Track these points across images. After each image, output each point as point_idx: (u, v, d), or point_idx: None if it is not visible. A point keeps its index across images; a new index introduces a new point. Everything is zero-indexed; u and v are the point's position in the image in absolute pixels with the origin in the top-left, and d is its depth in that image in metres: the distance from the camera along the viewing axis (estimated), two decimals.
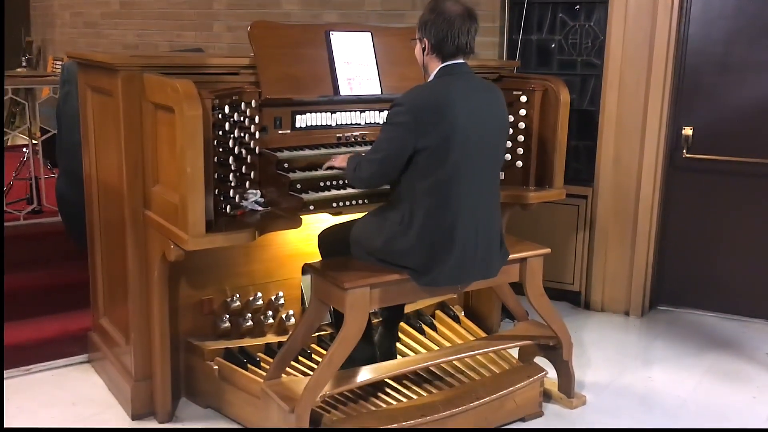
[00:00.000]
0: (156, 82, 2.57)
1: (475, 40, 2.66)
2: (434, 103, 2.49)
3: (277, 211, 2.83)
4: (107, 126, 2.97)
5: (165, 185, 2.67)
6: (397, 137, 2.50)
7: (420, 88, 2.60)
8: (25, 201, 4.44)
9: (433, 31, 2.57)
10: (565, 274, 4.45)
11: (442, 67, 2.61)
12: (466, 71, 2.63)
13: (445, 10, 2.57)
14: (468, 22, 2.59)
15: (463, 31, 2.57)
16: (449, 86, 2.56)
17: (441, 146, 2.47)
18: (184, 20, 5.64)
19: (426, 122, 2.46)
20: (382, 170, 2.58)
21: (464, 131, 2.49)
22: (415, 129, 2.46)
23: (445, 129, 2.46)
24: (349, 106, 3.19)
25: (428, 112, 2.47)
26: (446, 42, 2.56)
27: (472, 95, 2.57)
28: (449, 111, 2.47)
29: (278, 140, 3.02)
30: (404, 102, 2.51)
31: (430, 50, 2.61)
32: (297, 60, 3.01)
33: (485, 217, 2.64)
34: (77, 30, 6.72)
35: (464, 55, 2.63)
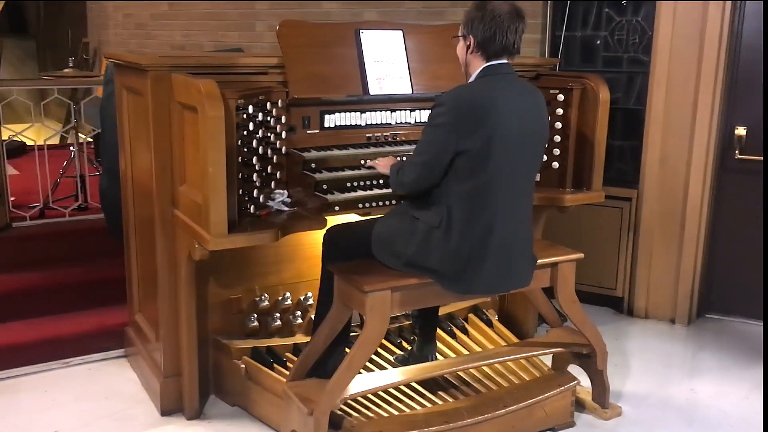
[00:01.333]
0: (182, 83, 2.58)
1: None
2: (477, 105, 2.39)
3: (302, 211, 2.81)
4: (140, 125, 3.00)
5: (191, 185, 2.68)
6: (439, 139, 2.42)
7: (462, 88, 2.50)
8: (72, 198, 4.55)
9: (480, 28, 2.47)
10: (607, 278, 4.31)
11: (486, 67, 2.52)
12: (509, 72, 2.54)
13: (493, 8, 2.47)
14: (516, 20, 2.49)
15: (511, 30, 2.47)
16: (492, 87, 2.46)
17: (482, 149, 2.38)
18: (227, 20, 5.69)
19: (468, 124, 2.37)
20: (425, 174, 2.49)
21: (505, 135, 2.40)
22: (456, 130, 2.38)
23: (487, 132, 2.37)
24: (379, 105, 3.14)
25: (470, 113, 2.38)
26: (493, 41, 2.46)
27: (514, 98, 2.47)
28: (492, 113, 2.38)
29: (306, 140, 3.00)
30: (446, 102, 2.42)
31: (474, 48, 2.52)
32: (326, 59, 2.99)
33: (521, 224, 2.56)
34: (129, 31, 6.88)
35: (509, 56, 2.53)
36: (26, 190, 4.65)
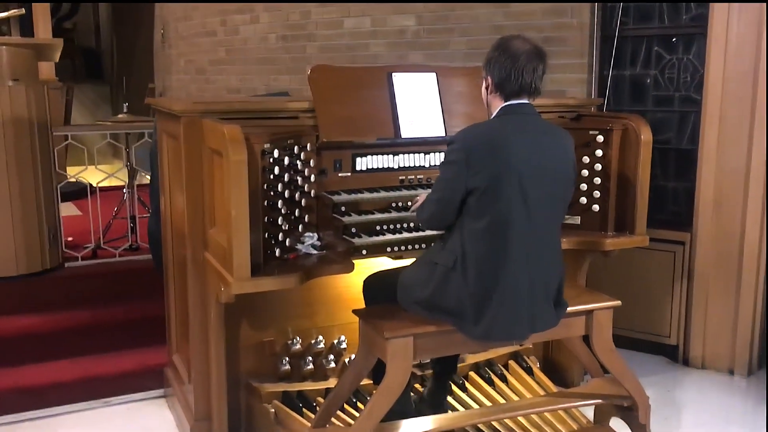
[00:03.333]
0: (211, 128, 2.62)
1: (563, 77, 2.53)
2: (487, 141, 2.38)
3: (331, 255, 2.79)
4: (176, 169, 3.07)
5: (219, 228, 2.70)
6: (451, 176, 2.42)
7: (474, 126, 2.51)
8: (124, 239, 4.69)
9: (497, 68, 2.47)
10: (661, 325, 4.11)
11: (504, 107, 2.50)
12: (529, 112, 2.50)
13: (510, 48, 2.46)
14: (535, 60, 2.45)
15: (528, 69, 2.44)
16: (506, 125, 2.44)
17: (492, 186, 2.34)
18: (279, 65, 5.83)
19: (477, 160, 2.35)
20: (439, 211, 2.49)
21: (518, 172, 2.35)
22: (466, 167, 2.36)
23: (497, 168, 2.34)
24: (412, 147, 3.12)
25: (480, 149, 2.37)
26: (509, 80, 2.44)
27: (530, 136, 2.42)
28: (502, 150, 2.35)
29: (338, 183, 3.00)
30: (457, 139, 2.43)
31: (493, 88, 2.51)
32: (357, 102, 3.00)
33: (542, 265, 2.46)
34: (189, 76, 7.13)
35: (529, 96, 2.50)
36: (85, 230, 4.82)
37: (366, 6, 5.14)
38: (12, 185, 3.83)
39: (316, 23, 5.51)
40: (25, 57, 3.90)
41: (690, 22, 3.94)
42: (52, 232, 4.06)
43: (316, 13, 5.49)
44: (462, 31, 4.64)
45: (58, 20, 11.96)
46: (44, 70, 5.70)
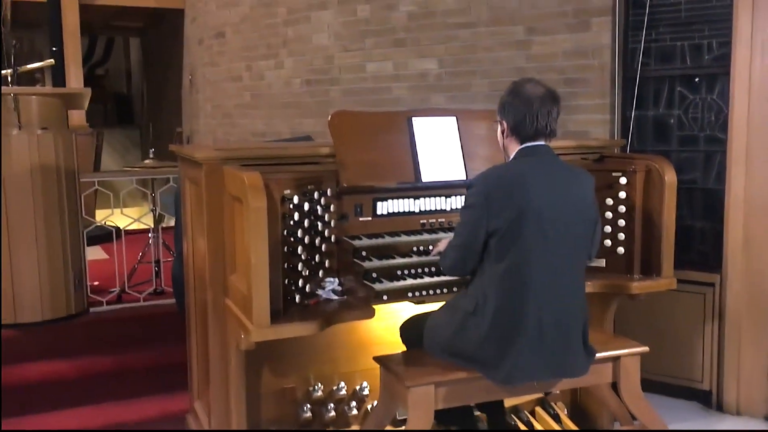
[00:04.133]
0: (231, 175, 2.64)
1: (585, 118, 2.55)
2: (505, 183, 2.39)
3: (352, 300, 2.77)
4: (198, 214, 3.09)
5: (239, 274, 2.71)
6: (471, 220, 2.42)
7: (493, 168, 2.52)
8: (149, 283, 4.72)
9: (511, 113, 2.50)
10: (692, 370, 3.99)
11: (521, 149, 2.52)
12: (546, 153, 2.50)
13: (523, 92, 2.49)
14: (549, 104, 2.48)
15: (542, 113, 2.46)
16: (523, 167, 2.45)
17: (512, 228, 2.34)
18: (303, 108, 5.91)
19: (497, 202, 2.36)
20: (462, 256, 2.49)
21: (537, 214, 2.34)
22: (486, 210, 2.36)
23: (516, 210, 2.34)
24: (433, 191, 3.11)
25: (499, 191, 2.37)
26: (524, 124, 2.47)
27: (549, 177, 2.42)
28: (520, 191, 2.35)
29: (359, 227, 2.99)
30: (476, 183, 2.45)
31: (508, 132, 2.54)
32: (378, 147, 3.01)
33: (565, 308, 2.42)
34: (216, 121, 7.25)
35: (545, 138, 2.51)
36: (111, 274, 4.87)
37: (388, 50, 5.21)
38: (39, 231, 3.90)
39: (339, 68, 5.59)
40: (54, 106, 4.00)
41: (713, 62, 3.91)
42: (77, 278, 4.10)
43: (339, 58, 5.58)
44: (483, 73, 4.67)
45: (90, 67, 12.32)
46: (75, 117, 5.85)
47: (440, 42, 4.90)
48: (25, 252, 3.89)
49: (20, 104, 3.80)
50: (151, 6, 8.57)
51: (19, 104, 3.79)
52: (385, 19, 5.22)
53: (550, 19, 4.34)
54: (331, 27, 5.62)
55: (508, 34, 4.53)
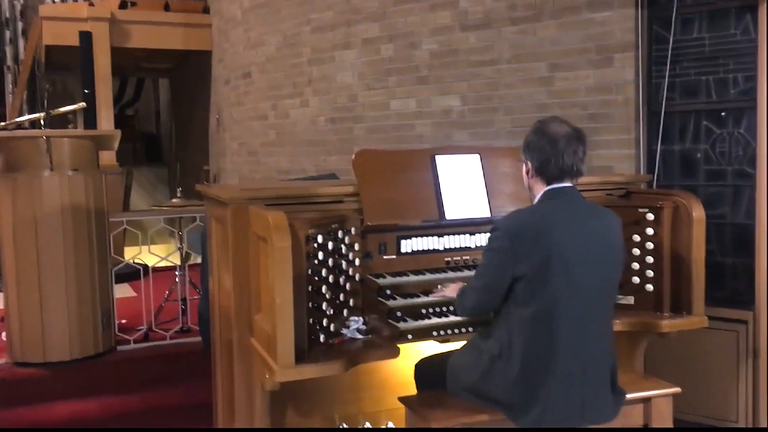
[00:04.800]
0: (256, 214, 2.67)
1: (610, 153, 2.51)
2: (532, 227, 2.36)
3: (376, 339, 2.76)
4: (224, 253, 3.11)
5: (264, 314, 2.71)
6: (496, 263, 2.39)
7: (518, 212, 2.49)
8: (175, 321, 4.75)
9: (536, 153, 2.47)
10: (726, 409, 3.88)
11: (547, 191, 2.48)
12: (573, 194, 2.47)
13: (548, 131, 2.46)
14: (574, 143, 2.45)
15: (568, 152, 2.43)
16: (550, 210, 2.42)
17: (539, 273, 2.30)
18: (328, 146, 5.97)
19: (523, 247, 2.32)
20: (484, 299, 2.47)
21: (565, 258, 2.31)
22: (512, 254, 2.33)
23: (543, 255, 2.30)
24: (458, 228, 3.11)
25: (525, 236, 2.34)
26: (549, 164, 2.44)
27: (576, 220, 2.39)
28: (547, 235, 2.32)
29: (383, 265, 2.99)
30: (501, 226, 2.41)
31: (533, 173, 2.50)
32: (401, 185, 3.02)
33: (594, 352, 2.38)
34: (242, 158, 7.35)
35: (571, 178, 2.48)
36: (138, 312, 4.91)
37: (411, 88, 5.26)
38: (69, 271, 3.95)
39: (363, 105, 5.65)
40: (85, 148, 4.09)
41: (739, 96, 3.88)
42: (105, 316, 4.14)
43: (363, 96, 5.64)
44: (506, 110, 4.69)
45: (121, 107, 12.60)
46: (105, 156, 5.96)
47: (463, 79, 4.94)
48: (56, 291, 3.94)
49: (52, 146, 3.89)
50: (179, 48, 8.77)
51: (52, 146, 3.88)
52: (408, 57, 5.28)
53: (572, 55, 4.35)
54: (355, 66, 5.70)
55: (531, 71, 4.55)
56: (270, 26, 6.64)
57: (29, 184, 3.93)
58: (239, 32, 7.27)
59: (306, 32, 6.16)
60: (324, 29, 5.96)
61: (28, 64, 9.86)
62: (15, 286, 3.99)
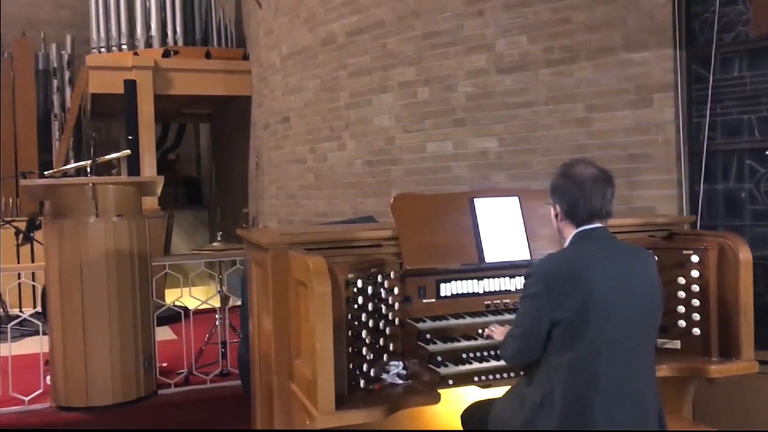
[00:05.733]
0: (296, 259, 2.69)
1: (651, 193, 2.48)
2: (567, 271, 2.31)
3: (417, 384, 2.72)
4: (265, 298, 3.13)
5: (303, 359, 2.70)
6: (533, 310, 2.34)
7: (552, 256, 2.45)
8: (215, 364, 4.77)
9: (564, 196, 2.45)
10: None
11: (577, 233, 2.44)
12: (605, 235, 2.44)
13: (575, 174, 2.44)
14: (602, 185, 2.42)
15: (596, 194, 2.40)
16: (584, 252, 2.38)
17: (577, 317, 2.25)
18: (365, 188, 6.01)
19: (559, 292, 2.28)
20: (523, 347, 2.40)
21: (603, 301, 2.26)
22: (548, 299, 2.29)
23: (581, 298, 2.26)
24: (497, 272, 3.08)
25: (561, 280, 2.30)
26: (578, 207, 2.41)
27: (611, 261, 2.35)
28: (584, 279, 2.28)
29: (423, 309, 2.97)
30: (536, 271, 2.38)
31: (562, 216, 2.47)
32: (440, 229, 3.01)
33: (638, 397, 2.31)
34: (280, 201, 7.44)
35: (600, 220, 2.45)
36: (179, 355, 4.94)
37: (448, 130, 5.29)
38: (112, 315, 4.01)
39: (400, 148, 5.70)
40: (129, 194, 4.19)
41: None
42: (147, 360, 4.18)
43: (399, 139, 5.69)
44: (544, 151, 4.68)
45: (163, 152, 12.90)
46: (147, 200, 6.09)
47: (499, 121, 4.95)
48: (99, 335, 4.00)
49: (98, 193, 3.99)
50: (220, 94, 8.99)
51: (97, 193, 3.98)
52: (445, 100, 5.33)
53: (609, 96, 4.35)
54: (392, 109, 5.77)
55: (568, 112, 4.55)
56: (308, 72, 6.78)
57: (75, 229, 4.03)
58: (278, 78, 7.44)
59: (343, 77, 6.28)
60: (361, 74, 6.06)
61: (75, 112, 10.21)
62: (60, 330, 4.06)
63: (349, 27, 6.16)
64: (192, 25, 9.13)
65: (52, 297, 4.10)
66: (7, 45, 11.24)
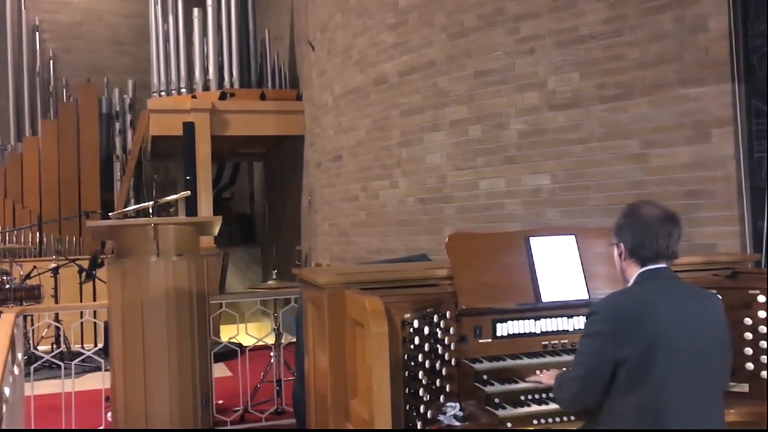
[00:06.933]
0: (352, 299, 2.71)
1: (712, 230, 2.46)
2: (632, 310, 2.28)
3: (474, 427, 2.69)
4: (321, 338, 3.15)
5: (360, 399, 2.70)
6: (596, 350, 2.30)
7: (616, 294, 2.42)
8: (270, 402, 4.79)
9: (629, 235, 2.42)
10: None
11: (642, 272, 2.41)
12: (670, 276, 2.40)
13: (641, 214, 2.42)
14: (668, 225, 2.39)
15: (662, 234, 2.38)
16: (649, 292, 2.34)
17: (643, 358, 2.21)
18: (418, 226, 6.03)
19: (624, 331, 2.24)
20: (584, 389, 2.35)
21: (669, 342, 2.21)
22: (613, 339, 2.25)
23: (646, 339, 2.21)
24: (554, 312, 3.04)
25: (626, 319, 2.26)
26: (644, 247, 2.39)
27: (677, 302, 2.30)
28: (650, 318, 2.24)
29: (479, 349, 2.94)
30: (599, 310, 2.34)
31: (627, 255, 2.45)
32: (496, 268, 3.00)
33: None
34: (332, 238, 7.51)
35: (666, 260, 2.41)
36: (234, 392, 4.99)
37: (500, 167, 5.29)
38: (171, 352, 4.09)
39: (452, 186, 5.71)
40: (188, 233, 4.29)
41: None
42: (204, 398, 4.23)
43: (452, 177, 5.71)
44: (598, 187, 4.63)
45: (218, 190, 13.21)
46: (203, 238, 6.22)
47: (552, 158, 4.93)
48: (159, 373, 4.07)
49: (159, 233, 4.11)
50: (274, 134, 9.20)
51: (159, 233, 4.10)
52: (497, 137, 5.33)
53: (666, 132, 4.29)
54: (444, 147, 5.80)
55: (623, 148, 4.51)
56: (360, 111, 6.89)
57: (137, 269, 4.14)
58: (330, 118, 7.57)
59: (395, 116, 6.35)
60: (412, 112, 6.13)
61: (135, 153, 10.57)
62: (121, 367, 4.15)
63: (400, 67, 6.25)
64: (247, 68, 9.41)
65: (114, 334, 4.20)
66: (72, 90, 11.78)
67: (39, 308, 6.02)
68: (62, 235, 10.46)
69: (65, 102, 11.54)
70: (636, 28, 4.45)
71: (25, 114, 11.62)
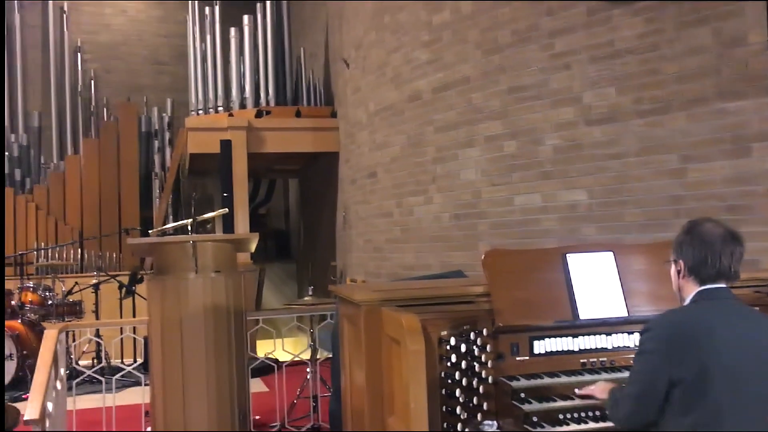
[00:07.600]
0: (389, 316, 2.72)
1: (754, 246, 2.42)
2: (689, 328, 2.23)
3: None
4: (357, 355, 3.17)
5: (397, 417, 2.71)
6: (650, 368, 2.26)
7: (673, 312, 2.37)
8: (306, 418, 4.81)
9: (690, 253, 2.37)
10: None
11: (700, 291, 2.36)
12: (729, 296, 2.35)
13: (703, 231, 2.37)
14: (731, 244, 2.34)
15: (725, 253, 2.33)
16: (707, 311, 2.29)
17: (698, 379, 2.16)
18: (452, 242, 6.02)
19: (679, 350, 2.20)
20: (639, 407, 2.31)
21: (726, 363, 2.16)
22: (668, 357, 2.21)
23: (703, 359, 2.17)
24: (593, 329, 3.01)
25: (681, 337, 2.22)
26: (705, 265, 2.34)
27: (735, 324, 2.25)
28: (707, 338, 2.19)
29: (516, 367, 2.93)
30: (655, 327, 2.30)
31: (686, 273, 2.39)
32: (532, 285, 2.98)
33: None
34: (367, 254, 7.53)
35: (727, 280, 2.37)
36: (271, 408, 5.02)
37: (535, 183, 5.26)
38: (209, 368, 4.13)
39: (486, 201, 5.70)
40: (225, 250, 4.35)
41: None
42: (242, 414, 4.26)
43: (486, 192, 5.70)
44: (636, 203, 4.58)
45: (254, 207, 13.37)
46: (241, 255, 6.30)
47: (588, 173, 4.90)
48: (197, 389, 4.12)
49: (198, 250, 4.17)
50: (309, 151, 9.29)
51: (197, 250, 4.16)
52: (532, 153, 5.32)
53: (705, 146, 4.23)
54: (479, 163, 5.80)
55: (661, 163, 4.46)
56: (394, 128, 6.93)
57: (176, 286, 4.20)
58: (365, 134, 7.63)
59: (429, 132, 6.37)
60: (447, 128, 6.14)
61: (174, 171, 10.77)
62: (161, 382, 4.21)
63: (434, 84, 6.28)
64: (283, 86, 9.54)
65: (154, 350, 4.27)
66: (113, 109, 12.07)
67: (81, 324, 6.15)
68: (103, 251, 10.68)
69: (106, 121, 11.83)
70: (673, 42, 4.41)
71: (68, 133, 11.93)
